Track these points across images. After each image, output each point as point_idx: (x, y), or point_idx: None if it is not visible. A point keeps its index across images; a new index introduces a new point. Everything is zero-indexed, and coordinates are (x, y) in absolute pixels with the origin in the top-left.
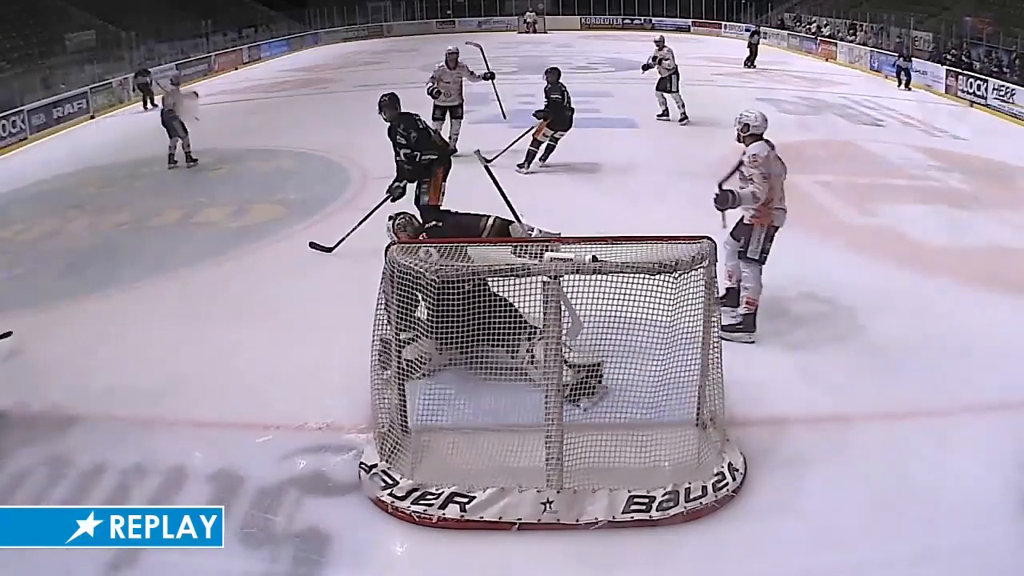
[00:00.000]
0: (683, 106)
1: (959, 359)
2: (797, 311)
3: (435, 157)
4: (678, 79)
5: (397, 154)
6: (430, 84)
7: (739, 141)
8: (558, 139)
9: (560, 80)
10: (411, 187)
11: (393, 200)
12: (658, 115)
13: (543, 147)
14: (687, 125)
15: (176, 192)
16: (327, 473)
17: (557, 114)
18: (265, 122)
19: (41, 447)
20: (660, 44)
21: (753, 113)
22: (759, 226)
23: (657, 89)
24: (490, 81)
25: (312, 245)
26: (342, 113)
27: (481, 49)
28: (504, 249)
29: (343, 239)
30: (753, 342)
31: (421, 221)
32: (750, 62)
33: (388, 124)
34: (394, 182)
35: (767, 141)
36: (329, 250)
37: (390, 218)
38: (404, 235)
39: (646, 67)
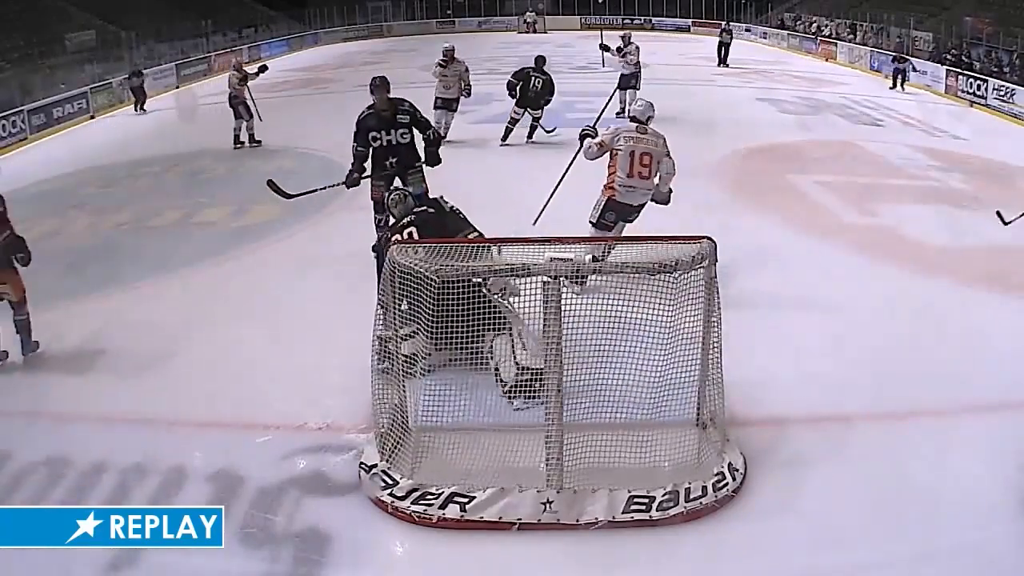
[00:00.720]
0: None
1: (959, 359)
2: (796, 311)
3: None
4: (639, 78)
5: (369, 142)
6: (434, 69)
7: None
8: (538, 117)
9: (543, 68)
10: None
11: (348, 187)
12: (616, 113)
13: (528, 125)
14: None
15: (176, 192)
16: (327, 473)
17: (521, 93)
18: (265, 122)
19: (41, 447)
20: (626, 41)
21: (643, 101)
22: (602, 194)
23: (619, 87)
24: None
25: (270, 184)
26: (342, 113)
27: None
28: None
29: (304, 193)
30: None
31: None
32: (722, 62)
33: (371, 110)
34: (351, 172)
35: (641, 129)
36: (287, 196)
37: (388, 192)
38: (396, 211)
39: (604, 47)
